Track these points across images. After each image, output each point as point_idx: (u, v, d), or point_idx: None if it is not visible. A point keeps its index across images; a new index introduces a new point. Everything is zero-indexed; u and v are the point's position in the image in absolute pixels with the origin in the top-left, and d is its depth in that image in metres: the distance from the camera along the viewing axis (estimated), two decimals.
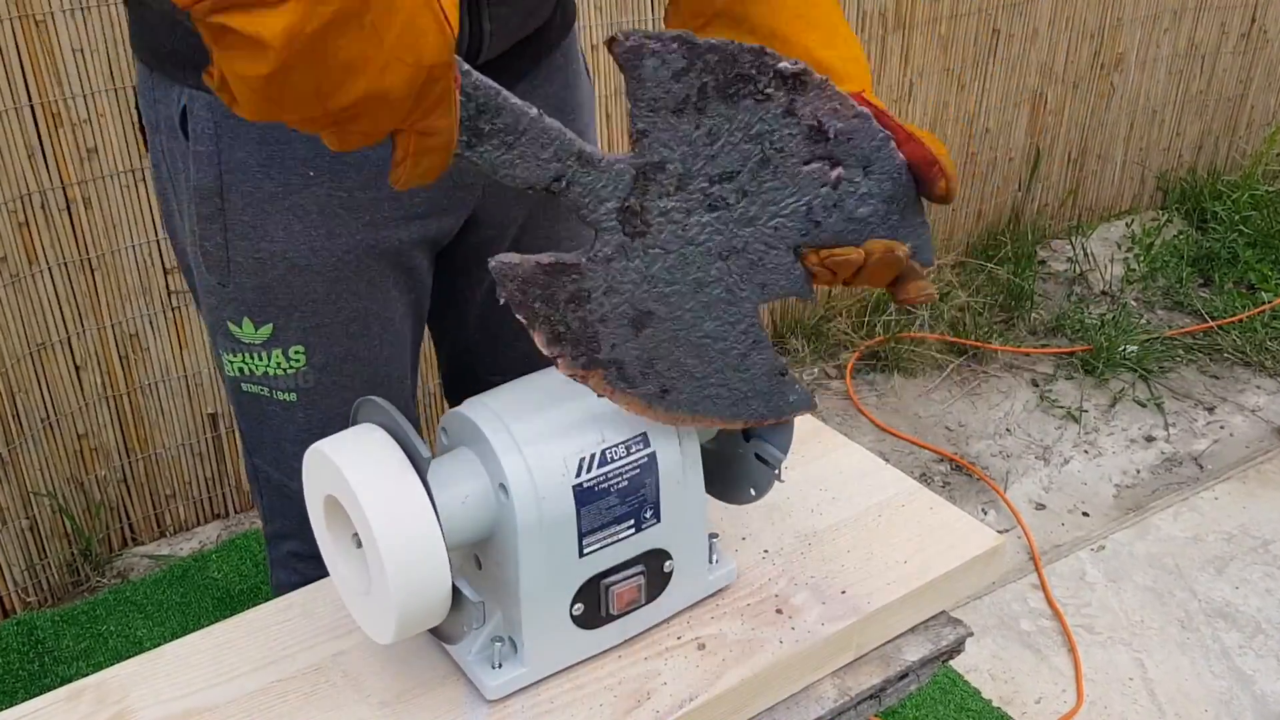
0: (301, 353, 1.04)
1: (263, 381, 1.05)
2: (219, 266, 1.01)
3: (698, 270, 0.82)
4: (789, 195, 0.82)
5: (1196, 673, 1.94)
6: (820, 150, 0.81)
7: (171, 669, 0.92)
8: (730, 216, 0.81)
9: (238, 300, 1.02)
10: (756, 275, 0.84)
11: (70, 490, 2.05)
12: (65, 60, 1.80)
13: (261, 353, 1.04)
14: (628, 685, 0.89)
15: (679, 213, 0.79)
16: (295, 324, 1.03)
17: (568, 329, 0.80)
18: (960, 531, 1.05)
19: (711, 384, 0.87)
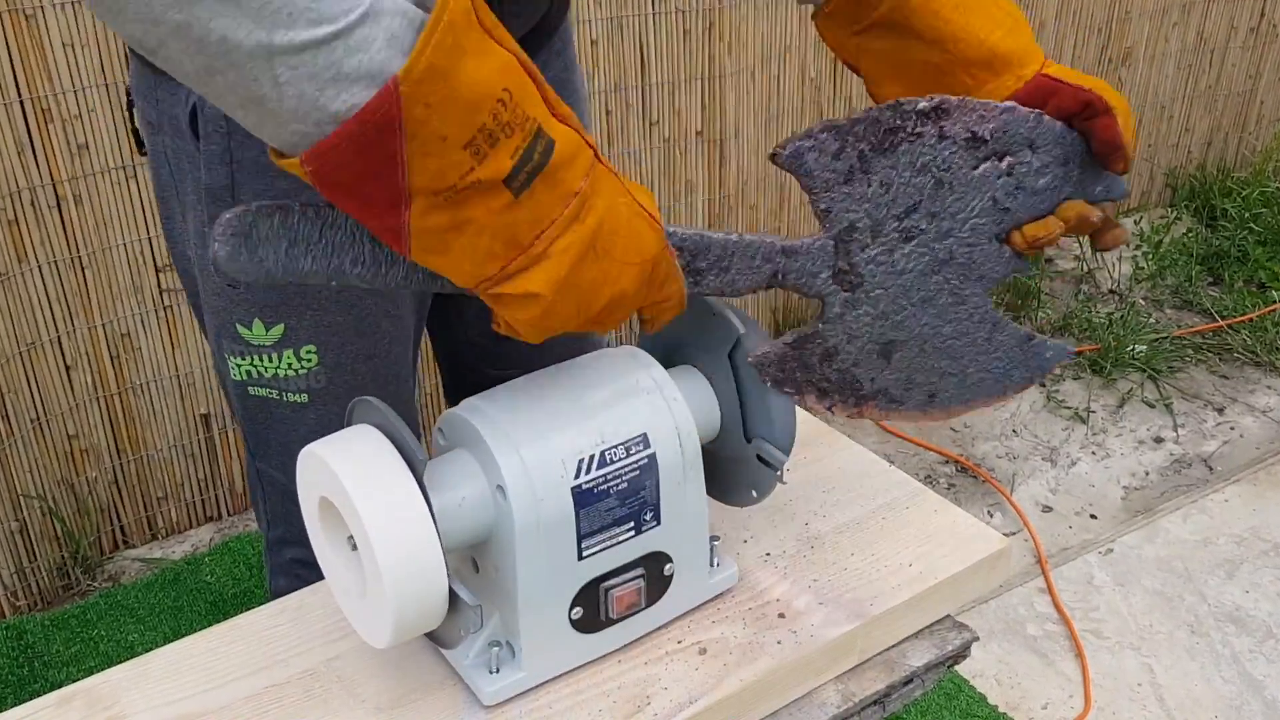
0: (313, 352, 1.03)
1: (272, 384, 1.05)
2: None
3: (919, 291, 0.92)
4: (973, 199, 0.90)
5: (1206, 678, 1.94)
6: (983, 152, 0.89)
7: (163, 674, 0.92)
8: (927, 239, 0.90)
9: (249, 301, 1.01)
10: (972, 272, 0.93)
11: (60, 492, 2.05)
12: (55, 55, 1.80)
13: (272, 354, 1.03)
14: (627, 690, 0.89)
15: (883, 255, 0.90)
16: (308, 323, 1.02)
17: (829, 383, 0.93)
18: (965, 534, 1.05)
19: (971, 373, 0.96)
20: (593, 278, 0.75)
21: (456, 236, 0.70)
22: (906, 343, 0.93)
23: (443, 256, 0.71)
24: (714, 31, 2.38)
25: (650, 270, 0.78)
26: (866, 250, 0.89)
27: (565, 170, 0.71)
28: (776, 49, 2.52)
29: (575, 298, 0.75)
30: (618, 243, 0.76)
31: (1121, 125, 0.89)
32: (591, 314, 0.77)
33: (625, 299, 0.78)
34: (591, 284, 0.75)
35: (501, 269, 0.72)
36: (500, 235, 0.71)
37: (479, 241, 0.70)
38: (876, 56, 0.95)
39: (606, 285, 0.76)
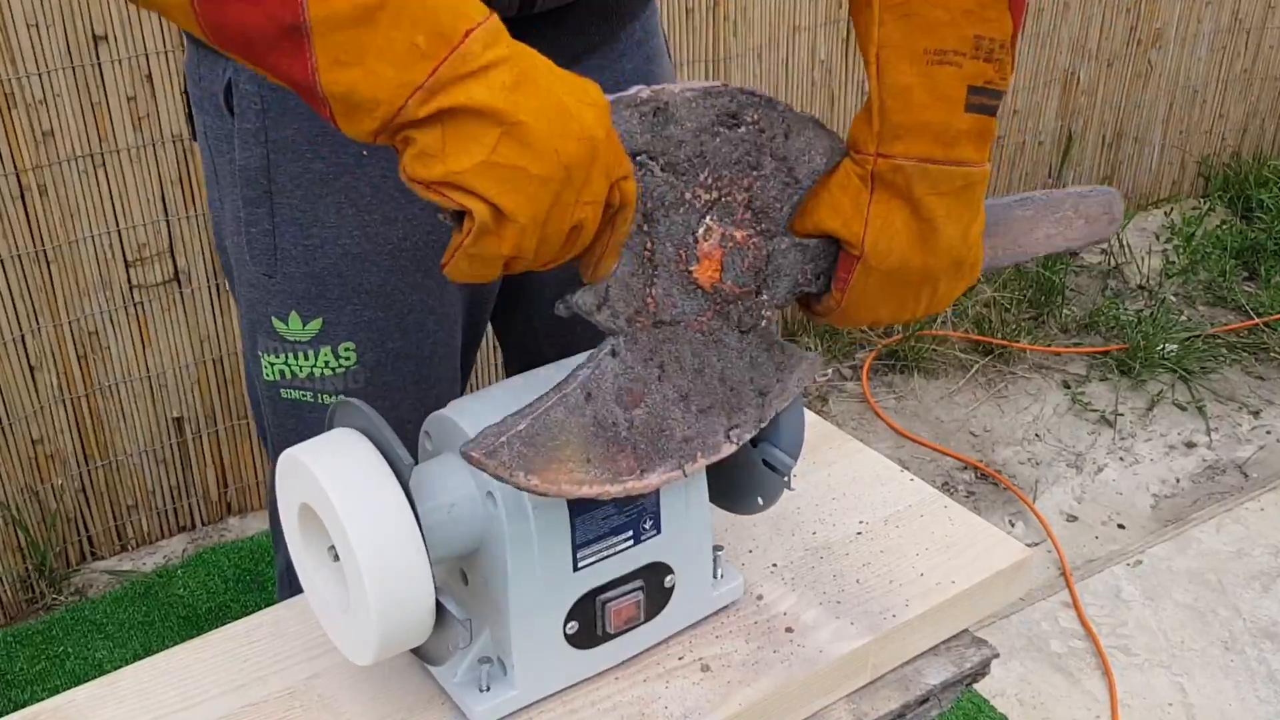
0: (352, 350, 1.03)
1: (307, 385, 1.04)
2: (265, 255, 1.00)
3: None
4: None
5: (1241, 697, 1.94)
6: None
7: (133, 693, 0.92)
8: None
9: (285, 292, 1.01)
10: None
11: (24, 500, 2.05)
12: (19, 36, 1.80)
13: (308, 351, 1.03)
14: (626, 709, 0.89)
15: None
16: (347, 318, 1.02)
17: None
18: (985, 544, 1.05)
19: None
20: (551, 104, 0.68)
21: (369, 30, 0.64)
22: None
23: (359, 66, 0.65)
24: (719, 11, 2.38)
25: (609, 123, 0.72)
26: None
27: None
28: (785, 29, 2.52)
29: (539, 126, 0.67)
30: (568, 80, 0.71)
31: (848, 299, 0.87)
32: (564, 160, 0.68)
33: (596, 146, 0.70)
34: (555, 111, 0.68)
35: (433, 71, 0.65)
36: (422, 23, 0.65)
37: (396, 33, 0.64)
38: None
39: (570, 118, 0.69)
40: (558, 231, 0.71)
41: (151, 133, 1.95)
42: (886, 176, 0.84)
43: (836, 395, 2.67)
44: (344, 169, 0.97)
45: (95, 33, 1.85)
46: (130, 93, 1.91)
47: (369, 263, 1.00)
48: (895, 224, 0.85)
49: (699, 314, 0.84)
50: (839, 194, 0.85)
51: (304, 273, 1.00)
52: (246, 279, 1.03)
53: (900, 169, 0.83)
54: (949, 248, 0.87)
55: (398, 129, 0.68)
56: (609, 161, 0.72)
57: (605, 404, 0.81)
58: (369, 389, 1.04)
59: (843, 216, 0.85)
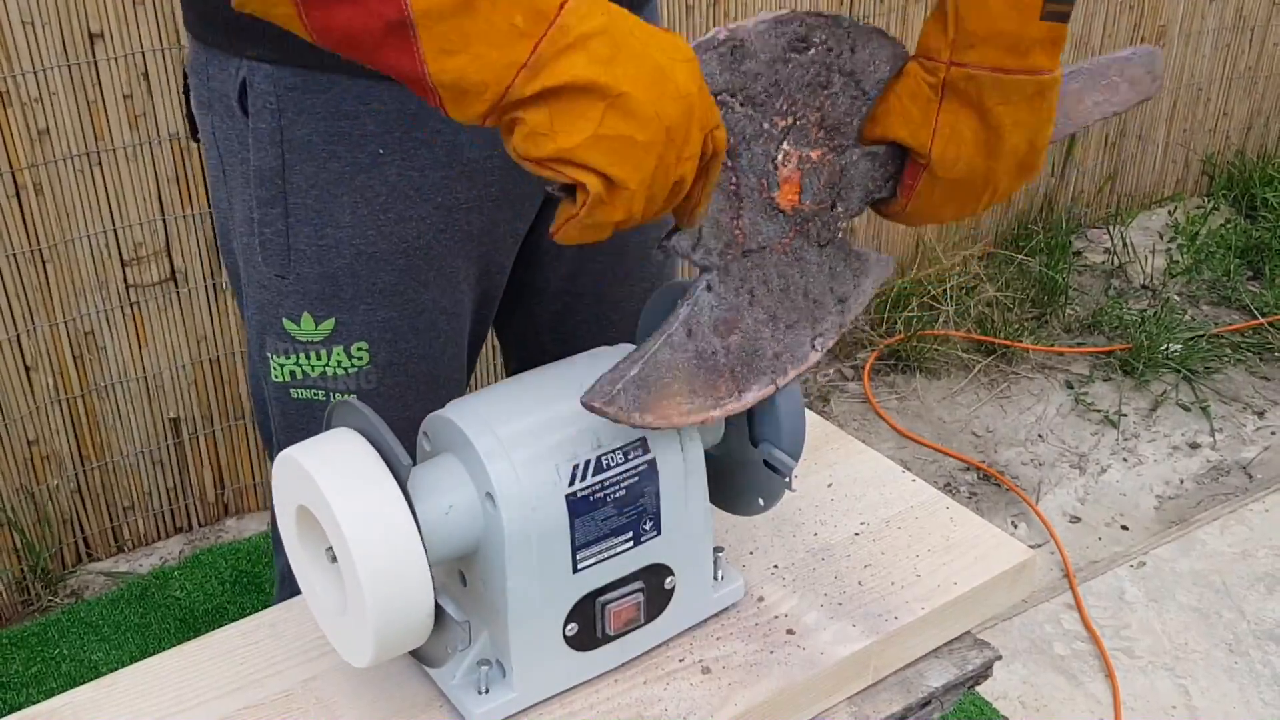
0: (365, 350, 1.03)
1: (318, 384, 1.04)
2: (278, 256, 1.01)
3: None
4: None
5: (1245, 700, 1.94)
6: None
7: (129, 696, 0.92)
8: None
9: (298, 293, 1.01)
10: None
11: (20, 501, 2.05)
12: (14, 33, 1.80)
13: (320, 350, 1.03)
14: (625, 712, 0.89)
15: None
16: (360, 318, 1.02)
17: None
18: (987, 545, 1.05)
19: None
20: (647, 70, 0.71)
21: (469, 18, 0.67)
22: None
23: (464, 53, 0.67)
24: (719, 6, 2.38)
25: (700, 77, 0.75)
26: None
27: None
28: None
29: (640, 94, 0.70)
30: (659, 38, 0.73)
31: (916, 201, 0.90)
32: (666, 123, 0.71)
33: (692, 103, 0.73)
34: (651, 76, 0.71)
35: (534, 49, 0.68)
36: (519, 2, 0.67)
37: (495, 16, 0.67)
38: None
39: (666, 81, 0.71)
40: (664, 188, 0.74)
41: (148, 131, 1.95)
42: (959, 85, 0.85)
43: (838, 395, 2.67)
44: (359, 169, 0.98)
45: (91, 30, 1.86)
46: (126, 91, 1.91)
47: (383, 262, 1.01)
48: (963, 133, 0.86)
49: (782, 236, 0.87)
50: (909, 102, 0.87)
51: (318, 273, 1.00)
52: (257, 280, 1.03)
53: (973, 78, 0.84)
54: (1014, 152, 0.88)
55: (506, 109, 0.70)
56: (704, 115, 0.74)
57: (705, 337, 0.85)
58: (381, 388, 1.05)
59: (911, 125, 0.87)
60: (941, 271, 2.87)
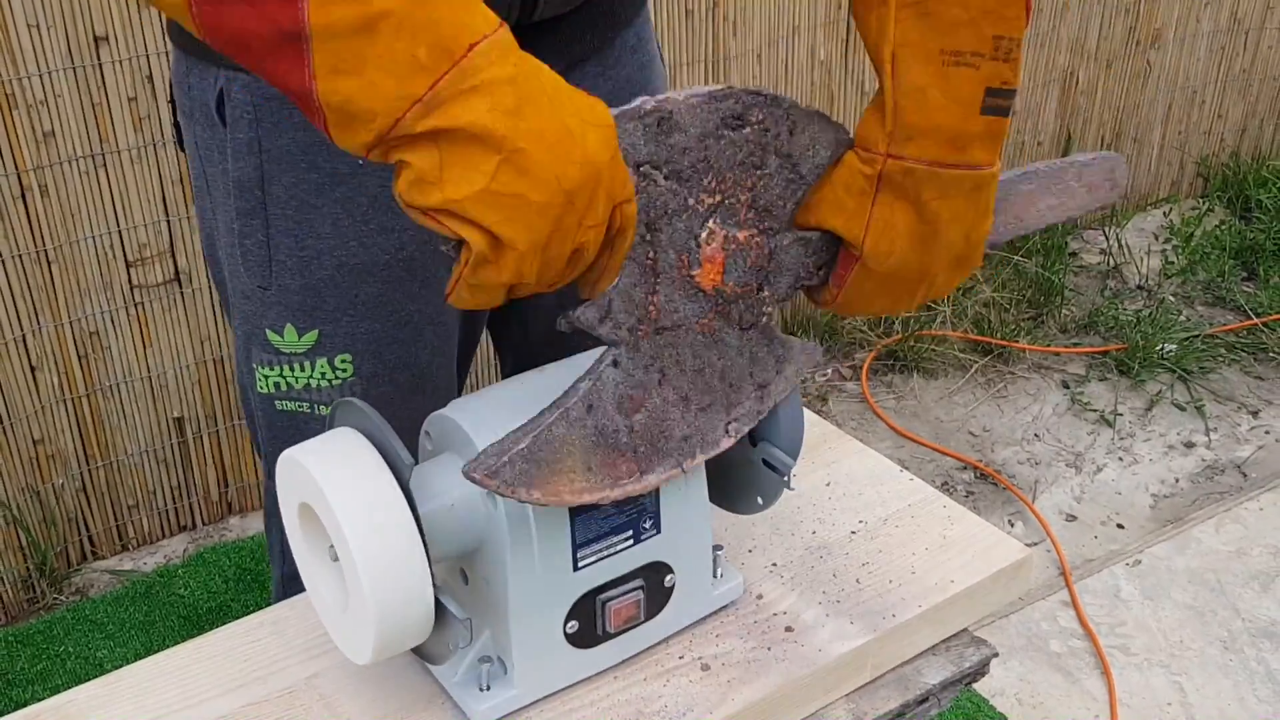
0: (349, 361, 1.02)
1: (303, 396, 1.03)
2: (259, 267, 0.99)
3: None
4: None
5: (1240, 697, 1.94)
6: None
7: (134, 692, 0.92)
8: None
9: (280, 304, 1.00)
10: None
11: (25, 500, 2.05)
12: (20, 37, 1.80)
13: (304, 362, 1.02)
14: (625, 708, 0.89)
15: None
16: (344, 330, 1.01)
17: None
18: (984, 543, 1.05)
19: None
20: (553, 129, 0.66)
21: (369, 41, 0.62)
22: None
23: (357, 77, 0.63)
24: (718, 12, 2.38)
25: (614, 145, 0.71)
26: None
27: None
28: (784, 30, 2.52)
29: (539, 153, 0.66)
30: (574, 99, 0.69)
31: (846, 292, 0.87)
32: (565, 186, 0.67)
33: (599, 171, 0.68)
34: (556, 136, 0.66)
35: (432, 85, 0.63)
36: (424, 34, 0.63)
37: (397, 44, 0.63)
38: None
39: (572, 143, 0.67)
40: (559, 256, 0.70)
41: (152, 133, 1.95)
42: (895, 178, 0.82)
43: (836, 395, 2.67)
44: (339, 179, 0.96)
45: (96, 33, 1.86)
46: (131, 93, 1.91)
47: (366, 274, 0.99)
48: (897, 226, 0.83)
49: (701, 316, 0.83)
50: (843, 193, 0.84)
51: (300, 285, 0.99)
52: (240, 291, 1.02)
53: (910, 172, 0.82)
54: (949, 247, 0.85)
55: (393, 144, 0.66)
56: (612, 185, 0.70)
57: (606, 414, 0.80)
58: (365, 399, 1.04)
59: (845, 215, 0.84)
60: None
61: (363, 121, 0.64)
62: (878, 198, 0.83)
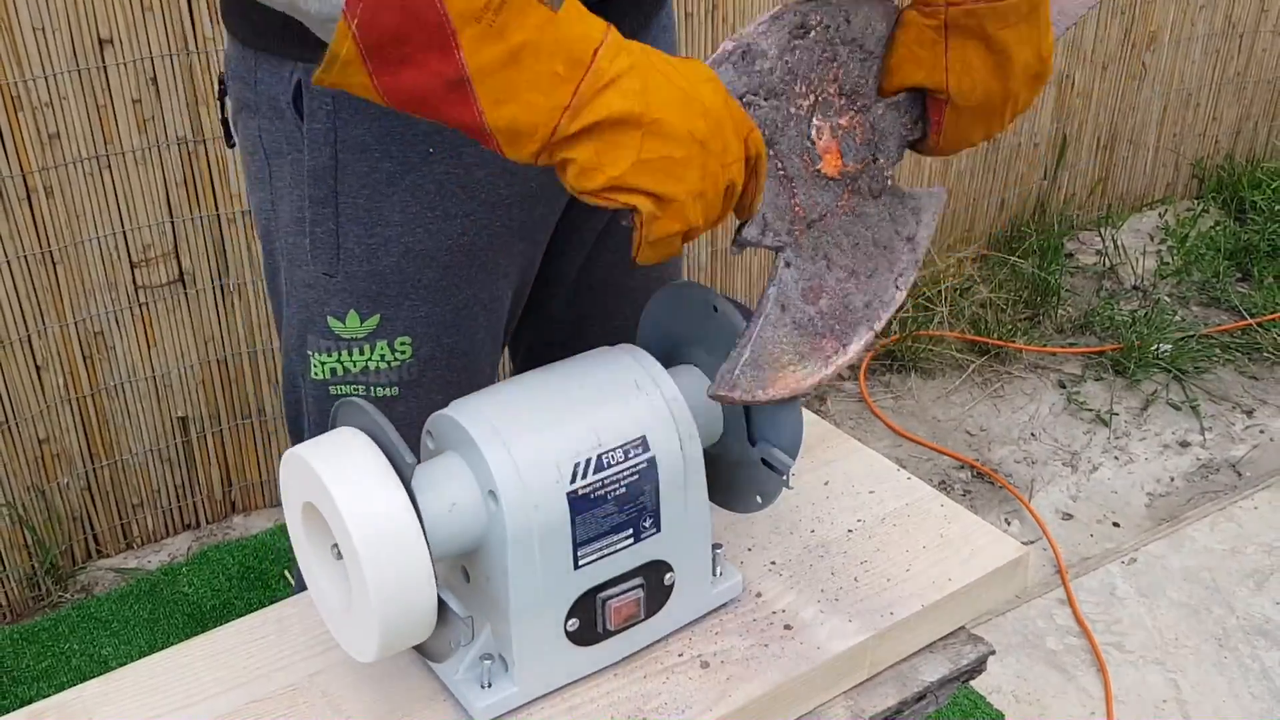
0: (408, 344, 1.04)
1: (360, 379, 1.05)
2: (327, 254, 1.01)
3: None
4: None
5: (1234, 694, 1.94)
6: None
7: (138, 690, 0.92)
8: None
9: (345, 290, 1.02)
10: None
11: (30, 499, 2.05)
12: (25, 40, 1.80)
13: (364, 346, 1.04)
14: (625, 706, 0.89)
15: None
16: (404, 313, 1.03)
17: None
18: (981, 542, 1.05)
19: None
20: (674, 95, 0.78)
21: (516, 70, 0.74)
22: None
23: (514, 101, 0.75)
24: (717, 13, 2.38)
25: (724, 91, 0.82)
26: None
27: (582, 5, 0.77)
28: None
29: (669, 116, 0.77)
30: (680, 66, 0.80)
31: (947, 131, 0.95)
32: (699, 137, 0.78)
33: (721, 116, 0.80)
34: (678, 100, 0.78)
35: (575, 91, 0.75)
36: (558, 53, 0.75)
37: (539, 67, 0.74)
38: None
39: (692, 101, 0.79)
40: (716, 194, 0.81)
41: (156, 135, 1.95)
42: (960, 22, 0.90)
43: (835, 395, 2.67)
44: (410, 167, 0.99)
45: (101, 36, 1.85)
46: (135, 96, 1.91)
47: (429, 259, 1.02)
48: (973, 63, 0.91)
49: (838, 200, 0.93)
50: (917, 49, 0.92)
51: (366, 271, 1.01)
52: (302, 280, 1.04)
53: (972, 12, 0.89)
54: (1025, 67, 0.93)
55: (555, 147, 0.77)
56: (735, 122, 0.81)
57: (797, 307, 0.91)
58: (422, 380, 1.06)
59: (925, 69, 0.92)
60: (936, 273, 2.87)
61: (527, 135, 0.76)
62: (949, 43, 0.91)
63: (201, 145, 1.98)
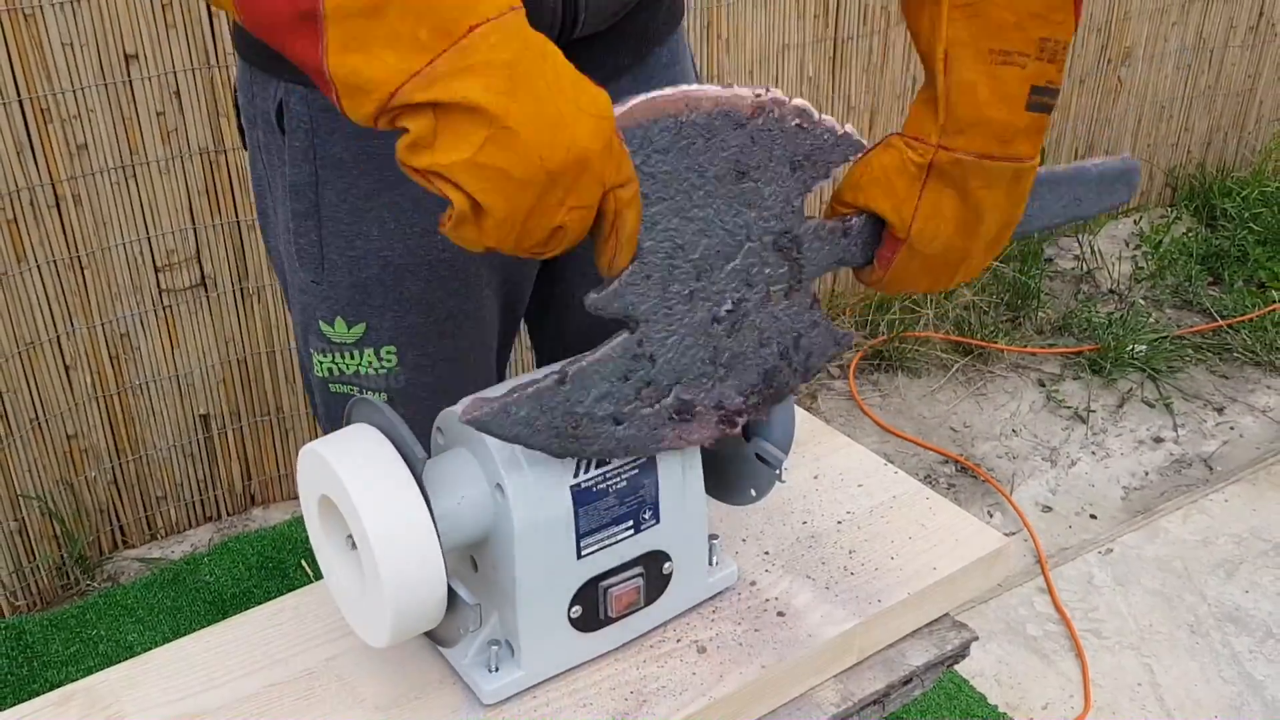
0: (393, 353, 1.03)
1: (353, 381, 1.05)
2: (313, 264, 1.01)
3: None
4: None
5: (1206, 678, 1.94)
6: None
7: (162, 674, 0.92)
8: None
9: (331, 299, 1.02)
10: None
11: (59, 492, 2.05)
12: (54, 55, 1.80)
13: (354, 351, 1.03)
14: (626, 689, 0.89)
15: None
16: (388, 324, 1.02)
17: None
18: (964, 533, 1.05)
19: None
20: (545, 113, 0.67)
21: (376, 21, 0.65)
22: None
23: (363, 53, 0.66)
24: (711, 31, 2.38)
25: (613, 131, 0.71)
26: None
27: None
28: (775, 47, 2.52)
29: (526, 133, 0.67)
30: (567, 84, 0.69)
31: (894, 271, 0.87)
32: (548, 167, 0.67)
33: (588, 157, 0.69)
34: (546, 120, 0.67)
35: (429, 62, 0.65)
36: (427, 17, 0.65)
37: (402, 25, 0.65)
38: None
39: (562, 129, 0.68)
40: (538, 229, 0.70)
41: (179, 146, 1.95)
42: (944, 168, 0.84)
43: (825, 393, 2.67)
44: (387, 185, 0.98)
45: (127, 52, 1.85)
46: (159, 108, 1.91)
47: (409, 273, 1.01)
48: (944, 212, 0.85)
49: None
50: (894, 177, 0.85)
51: (349, 282, 1.01)
52: (297, 284, 1.04)
53: (959, 163, 0.83)
54: (988, 233, 0.87)
55: (395, 113, 0.67)
56: (603, 171, 0.71)
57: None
58: (410, 388, 1.05)
59: (894, 200, 0.85)
60: None
61: (366, 92, 0.67)
62: (927, 185, 0.84)
63: (222, 155, 1.98)
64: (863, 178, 0.86)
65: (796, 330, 0.87)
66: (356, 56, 0.66)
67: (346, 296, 1.01)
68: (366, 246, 0.99)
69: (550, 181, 0.68)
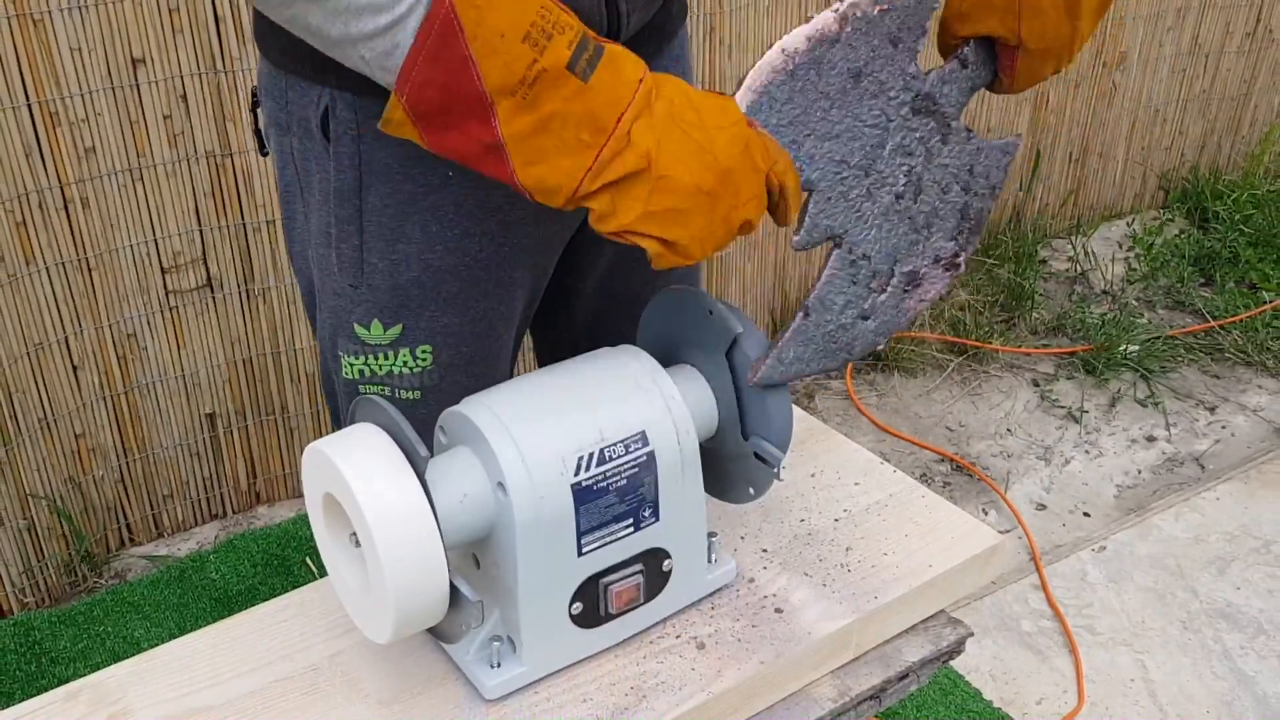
0: (429, 352, 1.04)
1: (385, 380, 1.06)
2: (352, 268, 1.01)
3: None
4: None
5: (1198, 674, 1.94)
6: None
7: (169, 669, 0.92)
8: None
9: (369, 302, 1.02)
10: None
11: (67, 490, 2.05)
12: (63, 59, 1.80)
13: (388, 352, 1.04)
14: (626, 684, 0.89)
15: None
16: (425, 324, 1.03)
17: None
18: (960, 531, 1.05)
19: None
20: (686, 148, 0.80)
21: (545, 137, 0.77)
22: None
23: (543, 164, 0.78)
24: (715, 36, 2.38)
25: (747, 131, 0.82)
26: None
27: (623, 61, 0.79)
28: None
29: (677, 171, 0.79)
30: (702, 114, 0.81)
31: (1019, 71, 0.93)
32: (705, 189, 0.80)
33: (732, 165, 0.81)
34: (689, 151, 0.80)
35: (597, 157, 0.78)
36: (584, 122, 0.77)
37: (566, 134, 0.77)
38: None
39: (703, 153, 0.80)
40: (725, 232, 0.83)
41: (186, 149, 1.95)
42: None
43: (822, 393, 2.67)
44: (430, 189, 0.99)
45: (134, 56, 1.85)
46: (166, 112, 1.91)
47: (448, 274, 1.02)
48: (1043, 7, 0.90)
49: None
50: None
51: (388, 285, 1.01)
52: (331, 288, 1.04)
53: None
54: (1091, 4, 0.93)
55: (579, 199, 0.80)
56: (754, 164, 0.82)
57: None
58: (442, 385, 1.06)
59: (998, 15, 0.91)
60: None
61: (554, 192, 0.80)
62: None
63: (229, 158, 1.98)
64: (962, 6, 0.92)
65: (967, 165, 0.95)
66: (539, 168, 0.79)
67: (385, 299, 1.02)
68: (408, 250, 1.00)
69: (713, 198, 0.81)
